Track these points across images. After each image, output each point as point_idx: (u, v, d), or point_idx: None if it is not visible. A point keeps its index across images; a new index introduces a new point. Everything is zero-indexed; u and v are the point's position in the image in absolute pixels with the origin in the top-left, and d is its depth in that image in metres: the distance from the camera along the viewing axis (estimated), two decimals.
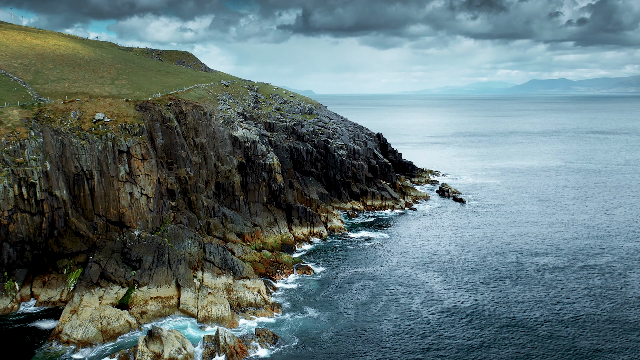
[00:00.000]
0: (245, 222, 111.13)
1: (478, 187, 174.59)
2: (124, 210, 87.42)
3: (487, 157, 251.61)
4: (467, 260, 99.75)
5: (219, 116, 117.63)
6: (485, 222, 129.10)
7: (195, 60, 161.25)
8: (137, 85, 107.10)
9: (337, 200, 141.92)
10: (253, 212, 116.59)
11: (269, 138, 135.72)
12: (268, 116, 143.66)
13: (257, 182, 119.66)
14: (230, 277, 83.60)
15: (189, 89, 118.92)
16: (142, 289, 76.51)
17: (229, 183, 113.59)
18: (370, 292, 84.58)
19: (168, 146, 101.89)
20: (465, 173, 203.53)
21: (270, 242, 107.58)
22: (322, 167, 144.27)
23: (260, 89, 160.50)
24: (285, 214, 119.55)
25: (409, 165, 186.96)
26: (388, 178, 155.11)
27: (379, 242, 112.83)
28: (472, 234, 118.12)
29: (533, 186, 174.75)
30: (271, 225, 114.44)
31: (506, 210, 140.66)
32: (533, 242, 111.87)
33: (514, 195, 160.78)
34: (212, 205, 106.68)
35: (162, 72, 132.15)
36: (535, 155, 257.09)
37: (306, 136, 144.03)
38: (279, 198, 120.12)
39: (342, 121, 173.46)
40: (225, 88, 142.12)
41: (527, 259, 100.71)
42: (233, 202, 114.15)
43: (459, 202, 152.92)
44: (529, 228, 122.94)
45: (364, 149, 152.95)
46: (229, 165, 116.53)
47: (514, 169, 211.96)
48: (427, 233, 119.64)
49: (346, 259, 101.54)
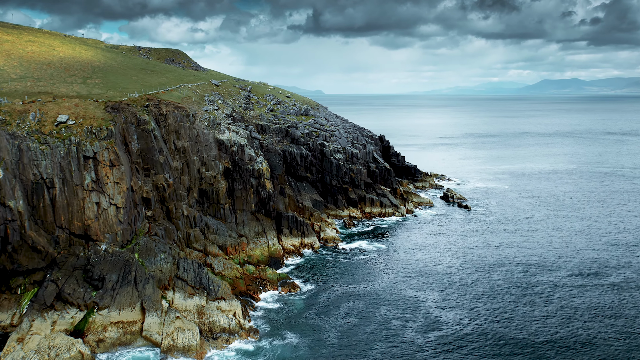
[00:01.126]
0: (230, 232, 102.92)
1: (485, 192, 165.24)
2: (90, 222, 79.41)
3: (495, 160, 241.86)
4: (470, 277, 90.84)
5: (203, 118, 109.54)
6: (491, 231, 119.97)
7: (186, 59, 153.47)
8: (112, 85, 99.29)
9: (333, 207, 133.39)
10: (240, 221, 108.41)
11: (261, 141, 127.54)
12: (260, 118, 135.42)
13: (244, 188, 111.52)
14: (204, 298, 75.28)
15: (172, 88, 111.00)
16: (102, 312, 68.44)
17: (213, 190, 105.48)
18: (359, 314, 75.96)
19: (144, 151, 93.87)
20: (473, 177, 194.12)
21: (256, 254, 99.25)
22: (317, 172, 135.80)
23: (254, 88, 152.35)
24: (275, 224, 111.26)
25: (412, 169, 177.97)
26: (388, 183, 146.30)
27: (374, 254, 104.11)
28: (476, 246, 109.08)
29: (543, 191, 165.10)
30: (259, 235, 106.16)
31: (514, 219, 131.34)
32: (543, 255, 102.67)
33: (523, 201, 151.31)
34: (193, 215, 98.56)
35: (146, 70, 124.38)
36: (546, 158, 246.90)
37: (301, 139, 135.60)
38: (268, 206, 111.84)
39: (342, 123, 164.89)
40: (215, 88, 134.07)
41: (536, 274, 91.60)
42: (218, 211, 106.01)
43: (464, 209, 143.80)
44: (538, 238, 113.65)
45: (362, 153, 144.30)
46: (214, 170, 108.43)
47: (524, 173, 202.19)
48: (428, 244, 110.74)
49: (337, 275, 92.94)
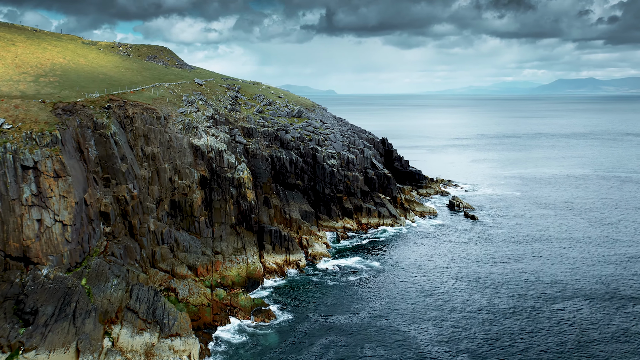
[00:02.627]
0: (205, 249, 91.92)
1: (494, 199, 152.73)
2: (29, 242, 68.59)
3: (507, 163, 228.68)
4: (474, 305, 78.89)
5: (177, 120, 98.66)
6: (500, 247, 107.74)
7: (170, 56, 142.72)
8: (70, 84, 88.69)
9: (326, 218, 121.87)
10: (217, 236, 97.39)
11: (246, 146, 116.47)
12: (247, 120, 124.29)
13: (223, 199, 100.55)
14: (156, 335, 64.21)
15: (144, 88, 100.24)
16: (27, 355, 57.59)
17: (187, 201, 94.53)
18: (337, 355, 64.40)
19: (103, 158, 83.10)
20: (482, 182, 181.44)
21: (232, 275, 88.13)
22: (309, 179, 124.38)
23: (244, 88, 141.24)
24: (257, 238, 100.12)
25: (416, 174, 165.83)
26: (388, 191, 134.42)
27: (366, 275, 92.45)
28: (482, 264, 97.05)
29: (557, 199, 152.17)
30: (238, 252, 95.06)
31: (525, 231, 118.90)
32: (559, 276, 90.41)
33: (535, 211, 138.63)
34: (161, 230, 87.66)
35: (120, 67, 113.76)
36: (561, 161, 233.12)
37: (291, 143, 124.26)
38: (249, 219, 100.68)
39: (340, 125, 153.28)
40: (198, 87, 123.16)
41: (551, 301, 79.43)
42: (192, 225, 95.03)
43: (471, 219, 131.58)
44: (554, 256, 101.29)
45: (360, 158, 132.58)
46: (189, 179, 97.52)
47: (536, 178, 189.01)
48: (427, 263, 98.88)
49: (320, 301, 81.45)
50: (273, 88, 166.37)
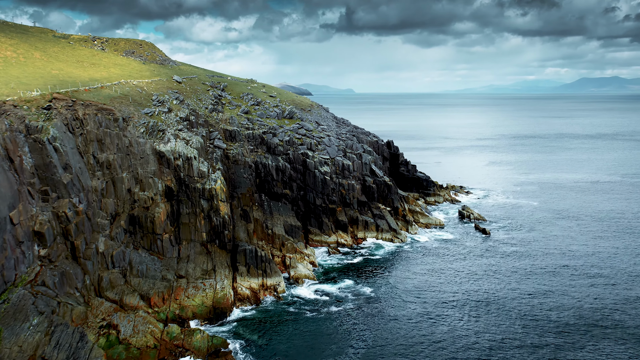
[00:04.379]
0: (166, 272, 79.36)
1: (509, 209, 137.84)
2: None
3: (525, 166, 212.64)
4: (482, 346, 64.88)
5: (140, 123, 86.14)
6: (514, 268, 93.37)
7: (152, 51, 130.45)
8: (6, 80, 76.57)
9: (317, 231, 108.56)
10: (184, 255, 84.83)
11: (226, 151, 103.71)
12: (230, 121, 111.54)
13: (193, 213, 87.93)
14: None
15: (104, 85, 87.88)
16: None
17: (147, 216, 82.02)
18: None
19: (41, 168, 70.80)
20: (497, 188, 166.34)
21: (194, 304, 75.32)
22: (298, 188, 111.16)
23: (231, 86, 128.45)
24: (231, 258, 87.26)
25: (424, 180, 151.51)
26: (388, 201, 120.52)
27: (352, 305, 78.91)
28: (491, 291, 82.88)
29: (582, 210, 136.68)
30: (206, 275, 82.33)
31: (544, 250, 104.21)
32: (586, 308, 75.90)
33: (556, 224, 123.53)
34: (111, 252, 75.14)
35: (84, 62, 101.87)
36: (584, 166, 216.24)
37: (279, 148, 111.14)
38: (222, 235, 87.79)
39: (339, 127, 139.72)
40: (176, 85, 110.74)
41: (576, 341, 65.11)
42: (154, 243, 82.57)
43: (482, 233, 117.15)
44: (578, 283, 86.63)
45: (357, 164, 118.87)
46: (152, 190, 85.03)
47: (558, 184, 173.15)
48: (427, 289, 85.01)
49: (292, 340, 68.19)
50: (269, 86, 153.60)
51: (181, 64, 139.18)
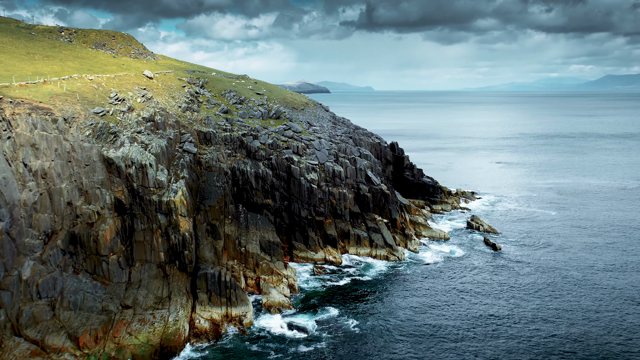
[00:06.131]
0: (109, 302, 67.24)
1: (524, 220, 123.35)
2: None
3: (544, 169, 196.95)
4: None
5: (86, 124, 74.01)
6: (527, 293, 79.45)
7: (127, 44, 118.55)
8: None
9: (302, 247, 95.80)
10: (136, 280, 72.69)
11: (198, 156, 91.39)
12: (206, 122, 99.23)
13: (149, 229, 75.68)
14: None
15: (46, 80, 76.02)
16: None
17: (91, 234, 69.93)
18: None
19: None
20: (511, 194, 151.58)
21: (136, 343, 63.02)
22: (282, 197, 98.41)
23: (212, 83, 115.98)
24: (191, 284, 74.85)
25: (430, 186, 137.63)
26: (385, 212, 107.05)
27: (327, 345, 65.84)
28: (503, 326, 69.17)
29: (608, 223, 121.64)
30: (160, 304, 70.10)
31: (563, 271, 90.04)
32: (615, 342, 61.82)
33: (577, 239, 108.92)
34: (38, 279, 63.17)
35: (36, 55, 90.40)
36: (610, 169, 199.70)
37: (260, 152, 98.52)
38: (182, 255, 75.39)
39: (335, 127, 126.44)
40: (146, 81, 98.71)
41: None
42: (99, 266, 70.49)
43: (491, 248, 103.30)
44: (605, 309, 72.43)
45: (350, 170, 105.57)
46: (98, 203, 72.93)
47: (579, 190, 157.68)
48: (423, 321, 71.65)
49: None
50: (262, 83, 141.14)
51: (162, 57, 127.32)
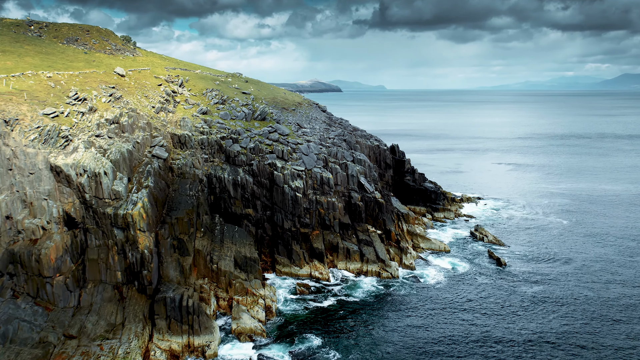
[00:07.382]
0: (49, 332, 58.86)
1: (532, 229, 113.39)
2: None
3: (556, 172, 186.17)
4: None
5: (32, 128, 65.64)
6: (534, 316, 69.78)
7: (103, 39, 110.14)
8: None
9: (285, 261, 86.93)
10: (86, 304, 64.38)
11: (170, 162, 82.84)
12: (182, 124, 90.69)
13: (104, 246, 67.19)
14: None
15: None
16: None
17: (32, 253, 61.56)
18: None
19: None
20: (520, 200, 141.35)
21: None
22: (264, 207, 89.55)
23: (193, 81, 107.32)
24: (149, 308, 66.22)
25: (432, 192, 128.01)
26: (379, 222, 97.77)
27: None
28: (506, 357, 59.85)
29: (626, 234, 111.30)
30: (112, 332, 61.65)
31: (575, 289, 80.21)
32: None
33: (591, 251, 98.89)
34: None
35: None
36: (628, 173, 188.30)
37: (240, 157, 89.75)
38: (140, 276, 66.80)
39: (328, 129, 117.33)
40: (117, 79, 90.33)
41: None
42: (42, 289, 62.12)
43: (496, 263, 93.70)
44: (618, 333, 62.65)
45: (341, 177, 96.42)
46: (44, 217, 64.55)
47: (594, 197, 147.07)
48: (415, 354, 62.29)
49: None
50: (254, 81, 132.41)
51: (144, 53, 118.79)
